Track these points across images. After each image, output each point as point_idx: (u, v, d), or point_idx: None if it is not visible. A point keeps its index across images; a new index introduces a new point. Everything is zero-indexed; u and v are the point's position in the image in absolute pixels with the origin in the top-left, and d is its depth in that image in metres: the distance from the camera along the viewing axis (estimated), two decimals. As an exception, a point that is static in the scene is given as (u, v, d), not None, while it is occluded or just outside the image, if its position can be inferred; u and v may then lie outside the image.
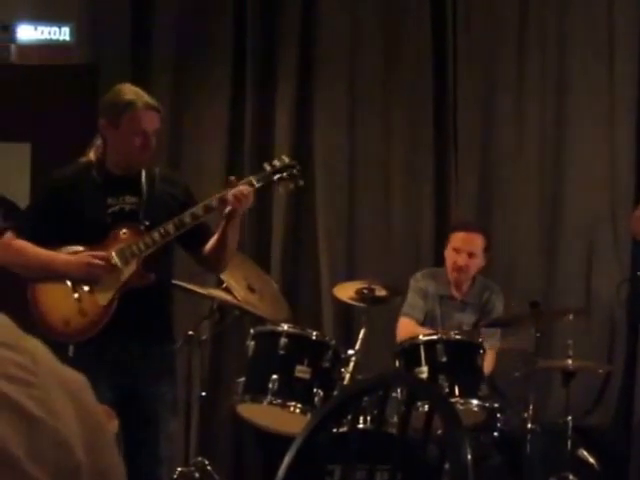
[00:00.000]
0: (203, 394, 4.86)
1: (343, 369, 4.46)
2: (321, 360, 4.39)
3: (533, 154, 5.90)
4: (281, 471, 1.79)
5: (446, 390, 4.33)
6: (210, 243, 3.61)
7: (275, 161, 3.72)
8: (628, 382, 5.59)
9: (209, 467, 4.70)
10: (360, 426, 4.14)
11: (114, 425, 3.04)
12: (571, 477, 4.55)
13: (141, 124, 3.47)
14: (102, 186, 3.53)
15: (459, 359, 4.47)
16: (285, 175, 3.69)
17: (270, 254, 5.89)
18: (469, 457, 1.54)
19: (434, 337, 4.51)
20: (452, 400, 4.24)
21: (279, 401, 4.30)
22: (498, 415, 4.50)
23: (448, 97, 5.93)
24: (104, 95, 3.70)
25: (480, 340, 4.61)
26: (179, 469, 4.60)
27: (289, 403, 4.31)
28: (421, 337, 4.54)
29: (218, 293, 4.68)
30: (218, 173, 5.84)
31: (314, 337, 4.47)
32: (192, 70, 6.07)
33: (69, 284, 3.49)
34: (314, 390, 4.33)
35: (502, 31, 5.96)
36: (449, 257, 5.09)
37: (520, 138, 5.90)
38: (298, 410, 4.29)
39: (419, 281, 5.14)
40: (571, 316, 4.76)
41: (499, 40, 5.96)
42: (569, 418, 4.61)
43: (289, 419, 4.27)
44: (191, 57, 6.08)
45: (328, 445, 1.89)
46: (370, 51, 6.01)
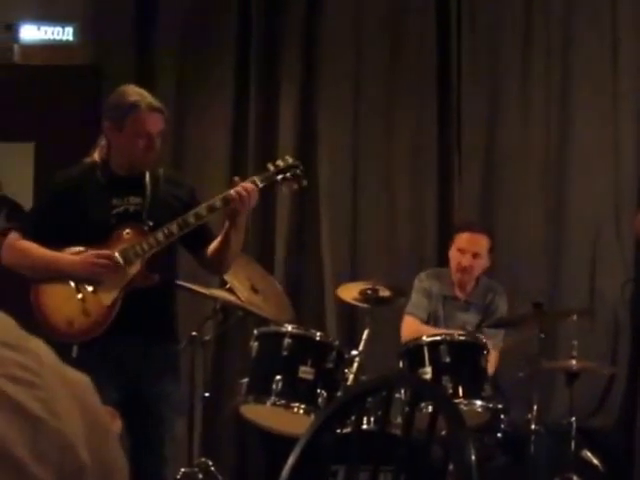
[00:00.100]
0: (206, 395, 4.85)
1: (347, 370, 4.46)
2: (325, 361, 4.38)
3: (537, 155, 5.90)
4: (285, 472, 1.79)
5: (450, 391, 4.32)
6: (213, 245, 3.61)
7: (279, 161, 3.71)
8: (632, 383, 5.57)
9: (212, 468, 4.70)
10: (364, 427, 4.13)
11: (118, 426, 3.03)
12: (575, 478, 4.53)
13: (145, 126, 3.47)
14: (107, 187, 3.53)
15: (463, 360, 4.47)
16: (289, 175, 3.68)
17: (274, 255, 5.88)
18: (473, 458, 1.54)
19: (438, 338, 4.50)
20: (456, 401, 4.23)
21: (283, 402, 4.30)
22: (502, 416, 4.49)
23: (452, 97, 5.93)
24: (108, 95, 3.70)
25: (484, 341, 4.60)
26: (182, 470, 4.60)
27: (293, 404, 4.30)
28: (425, 338, 4.53)
29: (221, 294, 4.68)
30: (222, 173, 5.84)
31: (318, 338, 4.47)
32: (195, 70, 6.08)
33: (72, 284, 3.49)
34: (318, 391, 4.32)
35: (507, 31, 5.95)
36: (453, 258, 5.09)
37: (524, 139, 5.90)
38: (302, 411, 4.29)
39: (423, 281, 5.14)
40: (575, 317, 4.75)
41: (504, 40, 5.95)
42: (573, 419, 4.60)
43: (293, 420, 4.26)
44: (194, 57, 6.08)
45: (332, 446, 1.89)
46: (374, 51, 6.01)
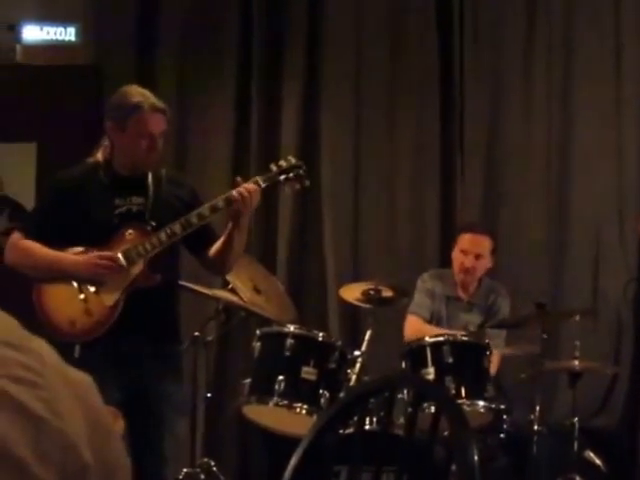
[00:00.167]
0: (209, 395, 4.85)
1: (349, 370, 4.45)
2: (327, 361, 4.38)
3: (540, 155, 5.89)
4: (287, 472, 1.79)
5: (452, 391, 4.32)
6: (216, 246, 3.61)
7: (281, 161, 3.71)
8: (635, 383, 5.57)
9: (215, 468, 4.70)
10: (366, 427, 4.13)
11: (120, 425, 3.04)
12: (578, 478, 4.53)
13: (147, 127, 3.47)
14: (109, 187, 3.54)
15: (465, 360, 4.47)
16: (291, 175, 3.69)
17: (276, 255, 5.89)
18: (476, 458, 1.54)
19: (440, 338, 4.51)
20: (459, 401, 4.23)
21: (285, 402, 4.30)
22: (504, 416, 4.49)
23: (454, 97, 5.93)
24: (109, 96, 3.70)
25: (487, 341, 4.60)
26: (185, 470, 4.59)
27: (295, 404, 4.30)
28: (427, 338, 4.53)
29: (224, 294, 4.68)
30: (224, 174, 5.84)
31: (320, 338, 4.47)
32: (197, 70, 6.08)
33: (75, 285, 3.49)
34: (320, 391, 4.32)
35: (509, 29, 5.95)
36: (456, 258, 5.09)
37: (526, 139, 5.90)
38: (304, 411, 4.28)
39: (426, 281, 5.14)
40: (578, 317, 4.74)
41: (506, 38, 5.95)
42: (576, 419, 4.59)
43: (295, 420, 4.26)
44: (196, 57, 6.08)
45: (334, 446, 1.88)
46: (376, 51, 6.01)
